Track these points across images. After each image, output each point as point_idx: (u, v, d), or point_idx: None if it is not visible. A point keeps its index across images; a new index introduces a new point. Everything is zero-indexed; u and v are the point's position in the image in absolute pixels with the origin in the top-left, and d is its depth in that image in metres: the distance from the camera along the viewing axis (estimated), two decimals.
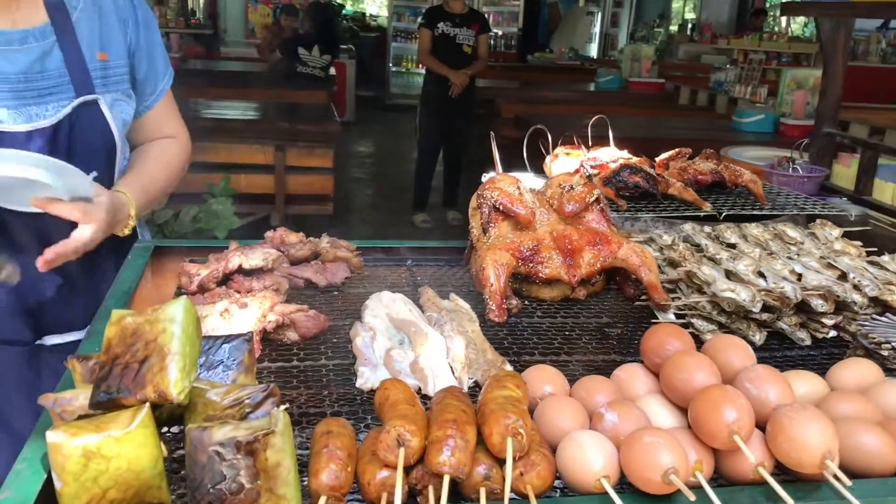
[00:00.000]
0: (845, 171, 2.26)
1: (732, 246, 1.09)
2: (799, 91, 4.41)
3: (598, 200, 1.03)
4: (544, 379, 0.83)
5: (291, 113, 4.66)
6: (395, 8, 10.81)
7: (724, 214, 1.60)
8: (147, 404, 0.65)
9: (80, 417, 0.68)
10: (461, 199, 5.86)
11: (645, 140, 4.20)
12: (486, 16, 5.77)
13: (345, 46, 10.33)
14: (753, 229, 1.09)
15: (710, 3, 12.09)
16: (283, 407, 0.66)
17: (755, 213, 1.64)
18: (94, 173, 1.10)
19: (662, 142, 4.24)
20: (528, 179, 1.89)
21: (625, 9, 11.85)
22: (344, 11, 15.87)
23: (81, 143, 1.16)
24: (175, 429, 0.77)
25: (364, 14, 16.95)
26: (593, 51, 11.38)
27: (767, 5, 12.70)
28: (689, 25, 12.00)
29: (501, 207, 1.00)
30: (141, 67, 1.28)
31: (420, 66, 10.99)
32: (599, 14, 11.41)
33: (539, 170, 1.95)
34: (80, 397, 0.70)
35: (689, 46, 10.64)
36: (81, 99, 1.16)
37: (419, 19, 5.64)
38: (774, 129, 4.47)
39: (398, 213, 5.80)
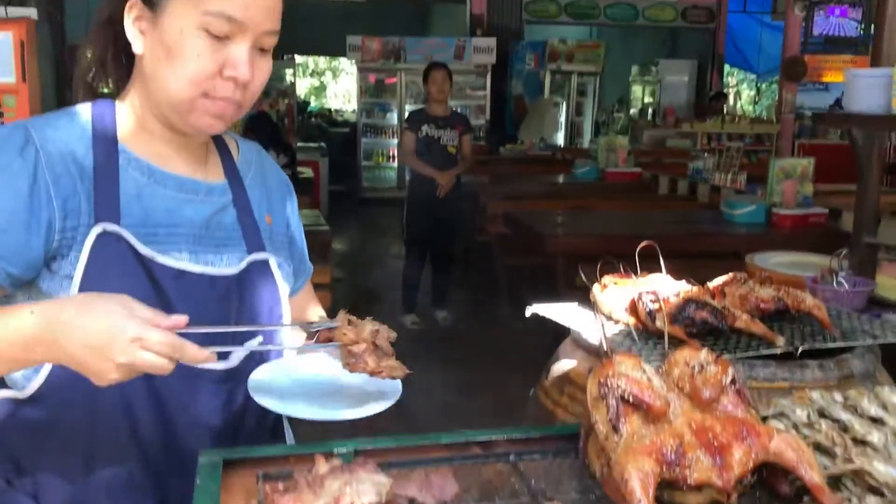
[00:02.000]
0: (891, 282, 2.19)
1: (874, 420, 0.97)
2: (788, 181, 4.41)
3: (733, 381, 0.91)
4: None
5: None
6: (364, 104, 10.89)
7: (800, 350, 1.49)
8: None
9: None
10: (450, 297, 5.75)
11: (636, 238, 4.14)
12: (467, 117, 5.84)
13: (315, 145, 10.36)
14: (893, 396, 0.98)
15: (668, 87, 12.43)
16: None
17: (830, 345, 1.54)
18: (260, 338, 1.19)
19: (660, 238, 4.21)
20: (577, 314, 1.77)
21: (588, 97, 12.10)
22: (309, 109, 16.07)
23: (252, 298, 1.20)
24: None
25: (330, 111, 17.16)
26: (560, 139, 11.54)
27: (725, 89, 13.12)
28: (650, 110, 12.27)
29: (631, 398, 0.86)
30: (295, 245, 1.35)
31: (392, 160, 11.16)
32: (564, 104, 11.63)
33: (583, 299, 1.84)
34: None
35: (653, 131, 10.85)
36: (254, 256, 1.20)
37: (403, 123, 5.76)
38: (767, 220, 4.46)
39: (386, 314, 5.65)
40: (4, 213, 1.01)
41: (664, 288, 1.65)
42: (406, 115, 6.28)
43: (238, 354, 1.17)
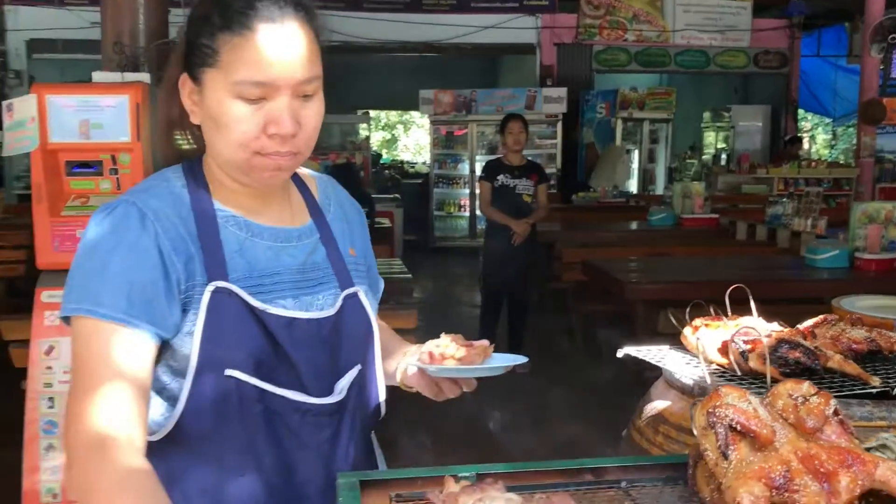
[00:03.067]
0: None
1: None
2: (872, 225, 4.36)
3: (836, 412, 0.95)
4: None
5: None
6: (436, 156, 11.12)
7: None
8: None
9: None
10: (526, 345, 5.77)
11: (719, 283, 4.13)
12: (542, 167, 5.91)
13: (389, 196, 10.60)
14: None
15: (741, 132, 12.34)
16: None
17: None
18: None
19: (752, 284, 4.19)
20: (667, 356, 1.82)
21: (660, 144, 12.08)
22: (381, 160, 16.45)
23: (350, 331, 1.26)
24: None
25: (401, 162, 17.54)
26: (633, 186, 11.53)
27: (799, 133, 12.95)
28: (723, 155, 12.18)
29: (739, 427, 0.92)
30: (371, 269, 1.41)
31: (463, 210, 11.33)
32: (636, 151, 11.64)
33: (674, 341, 1.88)
34: None
35: (728, 177, 10.76)
36: (347, 291, 1.26)
37: (480, 173, 5.77)
38: (850, 265, 4.40)
39: None
40: (148, 284, 1.09)
41: (756, 329, 1.69)
42: (481, 164, 6.40)
43: (342, 387, 1.24)
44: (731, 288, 1.90)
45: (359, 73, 15.23)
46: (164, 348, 1.13)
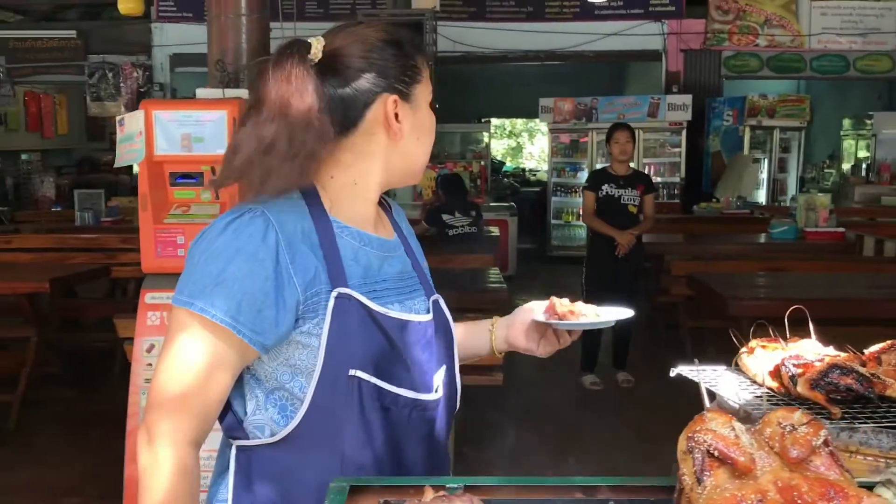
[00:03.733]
0: None
1: None
2: None
3: (826, 443, 0.93)
4: None
5: (455, 281, 4.64)
6: (555, 164, 11.08)
7: None
8: None
9: None
10: (631, 359, 5.67)
11: (833, 302, 3.94)
12: (649, 173, 5.83)
13: (505, 204, 10.65)
14: None
15: (884, 141, 11.59)
16: None
17: None
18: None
19: (854, 303, 3.97)
20: (727, 379, 1.77)
21: (792, 153, 11.53)
22: (504, 168, 16.51)
23: (440, 335, 1.37)
24: None
25: (524, 170, 17.53)
26: (761, 197, 11.06)
27: None
28: (864, 165, 11.49)
29: (717, 453, 0.91)
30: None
31: (581, 219, 11.20)
32: (766, 160, 11.15)
33: (731, 361, 1.83)
34: None
35: (866, 188, 10.16)
36: (433, 297, 1.40)
37: (584, 182, 5.76)
38: None
39: (566, 372, 5.67)
40: (259, 294, 1.15)
41: (811, 354, 1.63)
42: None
43: (437, 384, 1.34)
44: (791, 309, 1.84)
45: (481, 82, 15.39)
46: (282, 350, 1.22)
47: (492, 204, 10.37)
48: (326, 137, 1.21)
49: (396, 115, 1.26)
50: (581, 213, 5.90)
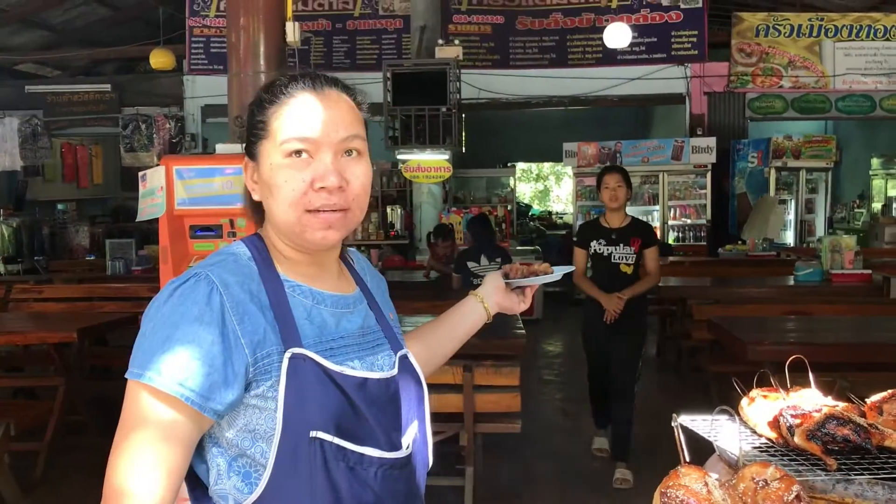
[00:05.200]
0: None
1: None
2: None
3: (798, 498, 0.94)
4: None
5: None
6: (580, 207, 11.11)
7: None
8: None
9: None
10: (653, 403, 5.56)
11: (853, 346, 3.90)
12: (651, 227, 4.87)
13: (530, 248, 10.66)
14: None
15: None
16: None
17: None
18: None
19: (873, 347, 3.92)
20: (724, 428, 1.77)
21: (820, 194, 11.45)
22: (531, 212, 16.56)
23: (407, 391, 1.35)
24: None
25: (550, 213, 17.56)
26: (789, 238, 10.97)
27: None
28: (895, 205, 11.37)
29: None
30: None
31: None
32: (793, 201, 11.08)
33: (735, 409, 1.83)
34: None
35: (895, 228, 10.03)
36: (400, 352, 1.38)
37: (573, 238, 5.00)
38: None
39: (582, 429, 5.46)
40: (206, 359, 1.12)
41: (810, 404, 1.64)
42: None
43: (408, 442, 1.31)
44: (791, 358, 1.84)
45: (506, 127, 15.54)
46: (239, 415, 1.18)
47: (518, 248, 10.40)
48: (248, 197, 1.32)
49: (254, 178, 1.28)
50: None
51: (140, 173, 2.93)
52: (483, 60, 11.30)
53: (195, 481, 1.24)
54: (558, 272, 1.72)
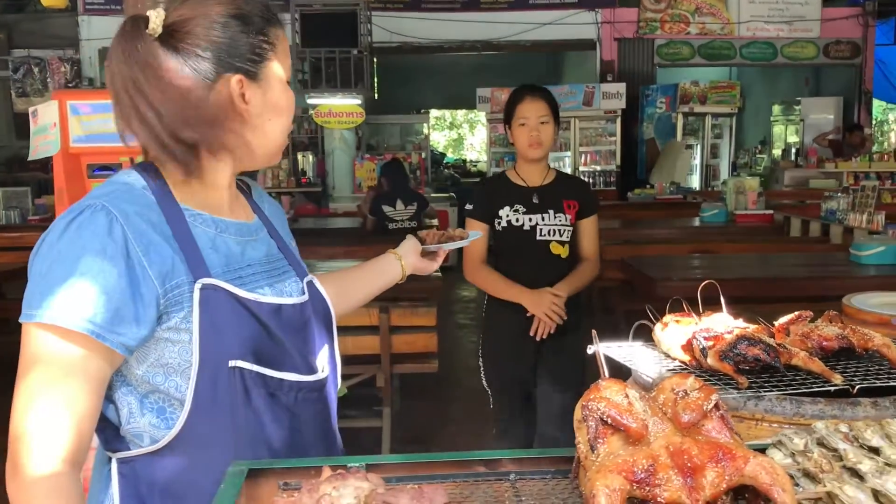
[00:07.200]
0: None
1: (875, 450, 0.97)
2: None
3: (717, 406, 0.94)
4: None
5: None
6: (494, 154, 11.12)
7: (857, 388, 1.46)
8: None
9: None
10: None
11: (757, 281, 4.04)
12: (587, 184, 4.14)
13: (445, 195, 10.65)
14: None
15: (812, 126, 11.93)
16: None
17: (892, 384, 1.50)
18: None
19: (776, 281, 4.08)
20: (640, 353, 1.80)
21: (724, 139, 11.79)
22: (446, 160, 16.52)
23: (318, 315, 1.33)
24: None
25: (465, 161, 17.56)
26: (695, 182, 11.29)
27: (874, 125, 12.41)
28: (794, 150, 11.82)
29: (609, 420, 0.92)
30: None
31: None
32: (698, 146, 11.38)
33: (648, 338, 1.86)
34: None
35: (795, 172, 10.44)
36: (307, 279, 1.35)
37: (465, 206, 3.50)
38: None
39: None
40: (113, 292, 1.06)
41: (722, 326, 1.67)
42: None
43: (322, 365, 1.31)
44: (703, 284, 1.88)
45: (419, 73, 15.36)
46: (150, 350, 1.14)
47: (432, 195, 10.36)
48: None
49: (244, 96, 1.18)
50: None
51: (31, 109, 2.74)
52: (394, 2, 11.07)
53: (103, 422, 1.18)
54: (472, 237, 1.84)
